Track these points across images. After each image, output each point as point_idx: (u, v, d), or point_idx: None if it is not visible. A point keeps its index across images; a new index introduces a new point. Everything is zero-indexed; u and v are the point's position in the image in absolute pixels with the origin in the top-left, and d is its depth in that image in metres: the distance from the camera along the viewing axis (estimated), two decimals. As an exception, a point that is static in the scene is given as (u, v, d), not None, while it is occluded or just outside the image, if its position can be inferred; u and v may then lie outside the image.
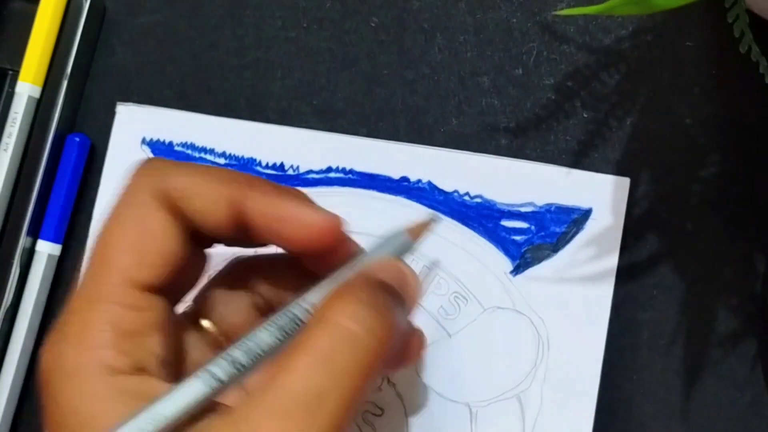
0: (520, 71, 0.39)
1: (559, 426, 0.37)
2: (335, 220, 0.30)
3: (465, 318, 0.38)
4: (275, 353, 0.28)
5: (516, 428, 0.37)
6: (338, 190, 0.39)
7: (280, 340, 0.28)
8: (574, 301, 0.37)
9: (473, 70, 0.40)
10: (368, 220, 0.39)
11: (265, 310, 0.32)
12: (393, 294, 0.29)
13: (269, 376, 0.26)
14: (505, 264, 0.38)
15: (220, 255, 0.32)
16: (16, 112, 0.40)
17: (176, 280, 0.28)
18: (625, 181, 0.38)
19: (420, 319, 0.38)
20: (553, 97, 0.39)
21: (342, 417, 0.26)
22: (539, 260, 0.38)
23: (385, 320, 0.27)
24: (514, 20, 0.40)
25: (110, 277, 0.27)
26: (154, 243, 0.28)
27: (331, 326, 0.27)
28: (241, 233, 0.29)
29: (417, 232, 0.33)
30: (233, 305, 0.31)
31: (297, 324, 0.28)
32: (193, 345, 0.30)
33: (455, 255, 0.38)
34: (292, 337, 0.28)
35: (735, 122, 0.38)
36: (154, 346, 0.27)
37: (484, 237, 0.38)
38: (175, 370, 0.28)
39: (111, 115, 0.41)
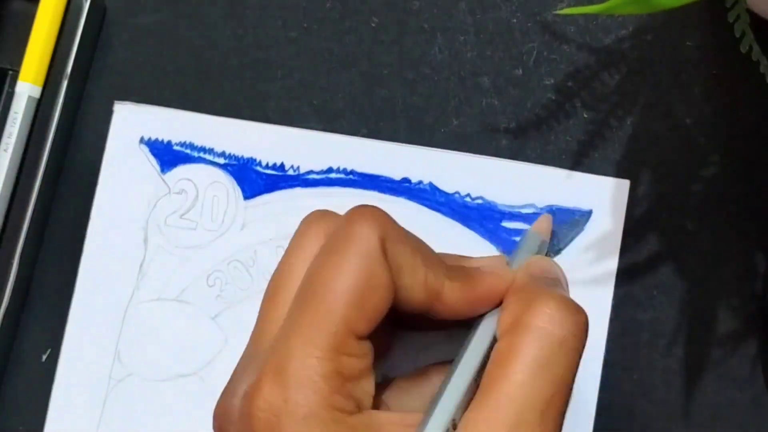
0: (520, 71, 0.39)
1: (560, 426, 0.37)
2: (510, 272, 0.32)
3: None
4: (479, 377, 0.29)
5: (516, 428, 0.37)
6: (339, 191, 0.39)
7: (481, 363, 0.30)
8: (574, 302, 0.37)
9: (473, 70, 0.40)
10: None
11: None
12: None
13: (485, 389, 0.27)
14: (506, 264, 0.38)
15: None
16: (16, 112, 0.40)
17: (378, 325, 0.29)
18: (625, 183, 0.38)
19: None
20: (554, 98, 0.39)
21: (562, 420, 0.28)
22: (540, 261, 0.38)
23: (579, 317, 0.29)
24: (514, 20, 0.40)
25: (334, 326, 0.28)
26: (377, 299, 0.28)
27: (538, 332, 0.28)
28: (427, 312, 0.31)
29: (543, 228, 0.36)
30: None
31: (491, 342, 0.30)
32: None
33: (456, 255, 0.38)
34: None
35: (735, 122, 0.38)
36: (369, 386, 0.29)
37: (485, 238, 0.38)
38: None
39: (111, 114, 0.41)
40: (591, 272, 0.37)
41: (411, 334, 0.35)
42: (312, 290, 0.28)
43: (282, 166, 0.40)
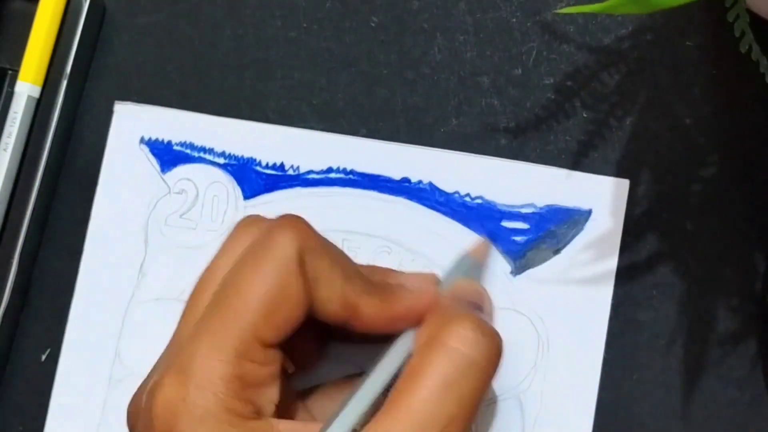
0: (520, 71, 0.39)
1: (559, 426, 0.37)
2: (433, 291, 0.32)
3: (465, 318, 0.38)
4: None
5: (516, 428, 0.37)
6: (339, 191, 0.39)
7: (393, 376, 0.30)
8: (574, 302, 0.37)
9: (473, 70, 0.40)
10: (369, 221, 0.39)
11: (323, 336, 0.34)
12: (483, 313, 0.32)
13: (391, 402, 0.28)
14: (506, 264, 0.38)
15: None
16: (15, 112, 0.40)
17: (291, 335, 0.30)
18: (625, 183, 0.38)
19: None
20: (553, 97, 0.39)
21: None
22: (539, 261, 0.38)
23: (493, 342, 0.29)
24: (514, 20, 0.40)
25: (240, 332, 0.28)
26: (288, 310, 0.29)
27: (449, 351, 0.28)
28: (344, 326, 0.31)
29: (479, 252, 0.36)
30: (303, 336, 0.32)
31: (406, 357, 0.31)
32: (281, 384, 0.31)
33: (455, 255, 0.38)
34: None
35: (735, 122, 0.38)
36: (273, 394, 0.29)
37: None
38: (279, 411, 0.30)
39: (111, 114, 0.41)
40: (591, 272, 0.37)
41: (345, 343, 0.35)
42: (225, 295, 0.29)
43: (282, 166, 0.40)
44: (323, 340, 0.35)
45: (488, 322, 0.30)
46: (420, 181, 0.39)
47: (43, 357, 0.40)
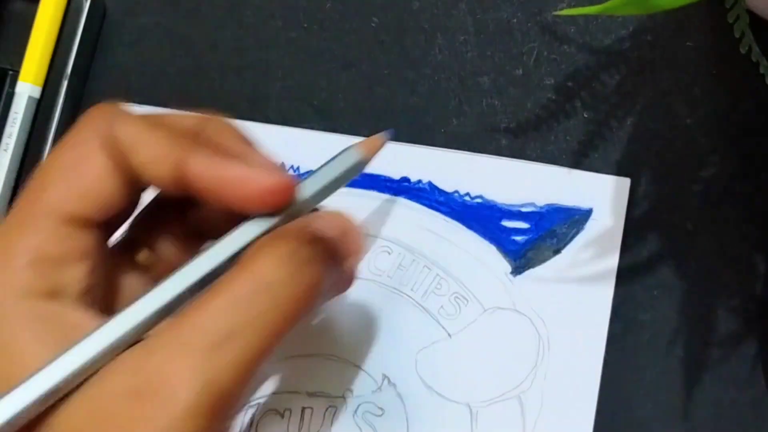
0: (521, 71, 0.39)
1: (560, 426, 0.37)
2: (284, 182, 0.28)
3: (465, 318, 0.38)
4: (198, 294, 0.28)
5: (516, 428, 0.37)
6: (339, 191, 0.39)
7: (203, 281, 0.28)
8: (574, 302, 0.37)
9: (473, 70, 0.40)
10: (369, 221, 0.39)
11: (202, 240, 0.32)
12: (325, 247, 0.28)
13: (183, 314, 0.26)
14: (506, 264, 0.38)
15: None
16: (16, 112, 0.40)
17: (109, 217, 0.29)
18: (626, 182, 0.38)
19: (420, 319, 0.38)
20: (554, 98, 0.39)
21: (250, 359, 0.26)
22: (540, 260, 0.38)
23: (304, 276, 0.27)
24: (515, 20, 0.40)
25: (39, 207, 0.28)
26: (89, 182, 0.28)
27: (250, 275, 0.27)
28: (184, 191, 0.28)
29: (370, 147, 0.31)
30: (168, 236, 0.31)
31: (219, 269, 0.28)
32: (130, 279, 0.30)
33: (456, 255, 0.38)
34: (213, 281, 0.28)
35: (735, 122, 0.38)
36: (76, 273, 0.28)
37: (485, 237, 0.38)
38: (108, 302, 0.29)
39: (111, 115, 0.41)
40: (591, 272, 0.37)
41: None
42: (32, 180, 0.29)
43: (282, 166, 0.40)
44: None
45: (306, 254, 0.27)
46: (419, 181, 0.39)
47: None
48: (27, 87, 0.40)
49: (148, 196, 0.31)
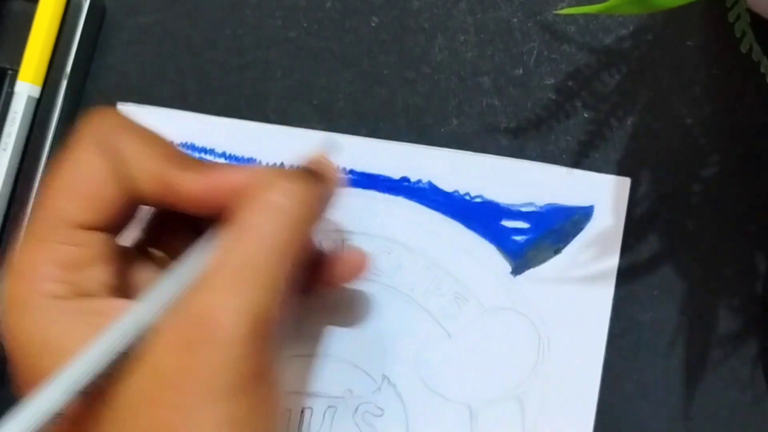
0: (521, 71, 0.39)
1: (560, 426, 0.37)
2: (254, 168, 0.32)
3: (465, 318, 0.38)
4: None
5: (516, 429, 0.37)
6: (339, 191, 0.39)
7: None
8: (574, 302, 0.37)
9: (473, 70, 0.40)
10: (369, 220, 0.39)
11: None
12: (316, 174, 0.32)
13: (216, 258, 0.29)
14: (506, 264, 0.38)
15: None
16: (15, 112, 0.40)
17: (115, 218, 0.31)
18: (626, 181, 0.38)
19: (420, 319, 0.38)
20: (554, 97, 0.39)
21: (279, 281, 0.29)
22: (540, 260, 0.38)
23: (310, 190, 0.30)
24: (515, 20, 0.40)
25: (52, 219, 0.29)
26: (93, 188, 0.30)
27: (262, 203, 0.29)
28: (172, 206, 0.31)
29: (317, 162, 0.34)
30: (179, 231, 0.33)
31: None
32: (147, 274, 0.32)
33: (456, 255, 0.38)
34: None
35: (735, 122, 0.38)
36: (98, 274, 0.30)
37: (485, 237, 0.38)
38: (128, 296, 0.31)
39: (111, 115, 0.41)
40: (591, 271, 0.37)
41: None
42: (42, 192, 0.31)
43: (282, 166, 0.40)
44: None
45: (307, 176, 0.31)
46: (419, 181, 0.39)
47: (43, 357, 0.40)
48: (26, 86, 0.40)
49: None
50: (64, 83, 0.40)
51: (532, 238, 0.38)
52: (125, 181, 0.30)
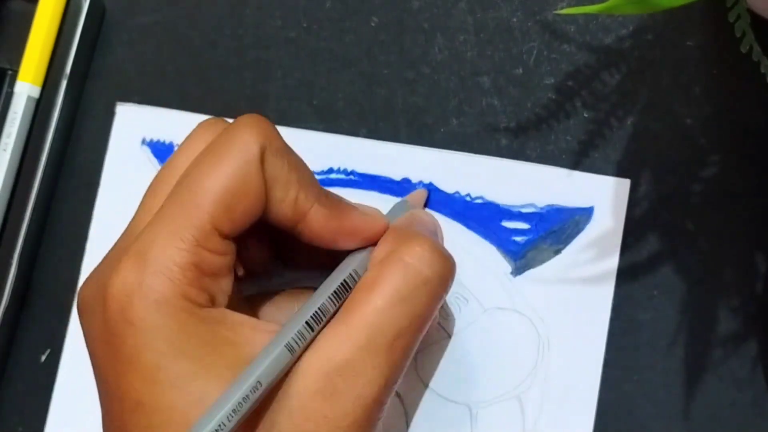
0: (521, 71, 0.39)
1: (560, 426, 0.37)
2: (383, 217, 0.33)
3: (465, 318, 0.38)
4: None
5: (516, 429, 0.37)
6: (339, 191, 0.39)
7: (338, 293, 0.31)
8: (574, 302, 0.37)
9: (473, 70, 0.40)
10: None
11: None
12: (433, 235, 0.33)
13: (345, 311, 0.29)
14: (506, 265, 0.38)
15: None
16: (15, 112, 0.40)
17: (246, 230, 0.30)
18: (626, 182, 0.38)
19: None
20: (554, 97, 0.39)
21: (409, 354, 0.29)
22: (540, 261, 0.38)
23: (447, 263, 0.31)
24: (515, 20, 0.40)
25: (200, 221, 0.28)
26: (247, 204, 0.29)
27: (406, 266, 0.29)
28: (292, 230, 0.31)
29: (416, 200, 0.37)
30: (255, 252, 0.34)
31: (354, 278, 0.31)
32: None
33: (456, 256, 0.38)
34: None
35: (735, 122, 0.38)
36: (226, 285, 0.29)
37: (485, 238, 0.38)
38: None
39: (111, 115, 0.41)
40: (591, 272, 0.37)
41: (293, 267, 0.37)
42: (186, 185, 0.29)
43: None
44: (274, 254, 0.36)
45: (439, 243, 0.32)
46: (420, 182, 0.39)
47: (43, 357, 0.40)
48: (26, 87, 0.40)
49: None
50: (64, 83, 0.40)
51: (533, 239, 0.38)
52: (271, 202, 0.30)
